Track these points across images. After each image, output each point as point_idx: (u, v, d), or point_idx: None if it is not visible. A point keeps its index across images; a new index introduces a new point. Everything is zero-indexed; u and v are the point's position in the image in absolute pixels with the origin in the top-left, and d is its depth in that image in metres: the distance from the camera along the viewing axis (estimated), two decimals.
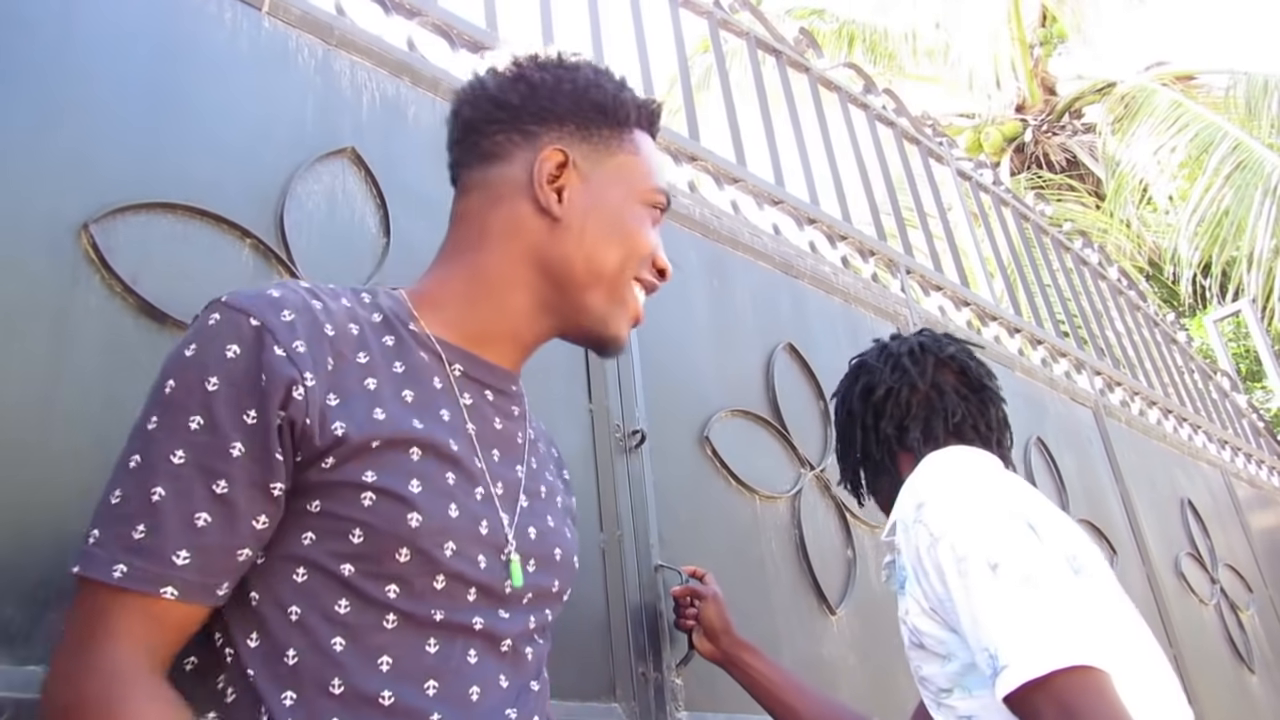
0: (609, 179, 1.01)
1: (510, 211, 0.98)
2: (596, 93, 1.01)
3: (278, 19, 1.62)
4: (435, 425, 0.89)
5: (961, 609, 1.09)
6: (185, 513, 0.77)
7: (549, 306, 0.99)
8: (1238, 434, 5.08)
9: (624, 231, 0.99)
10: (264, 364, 0.80)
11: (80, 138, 1.27)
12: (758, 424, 2.17)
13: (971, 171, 4.01)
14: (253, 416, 0.79)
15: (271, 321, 0.82)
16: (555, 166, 0.99)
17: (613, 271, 0.98)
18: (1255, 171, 8.27)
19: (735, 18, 3.00)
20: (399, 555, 0.82)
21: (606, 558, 1.69)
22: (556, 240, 0.97)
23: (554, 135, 1.00)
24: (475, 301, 0.98)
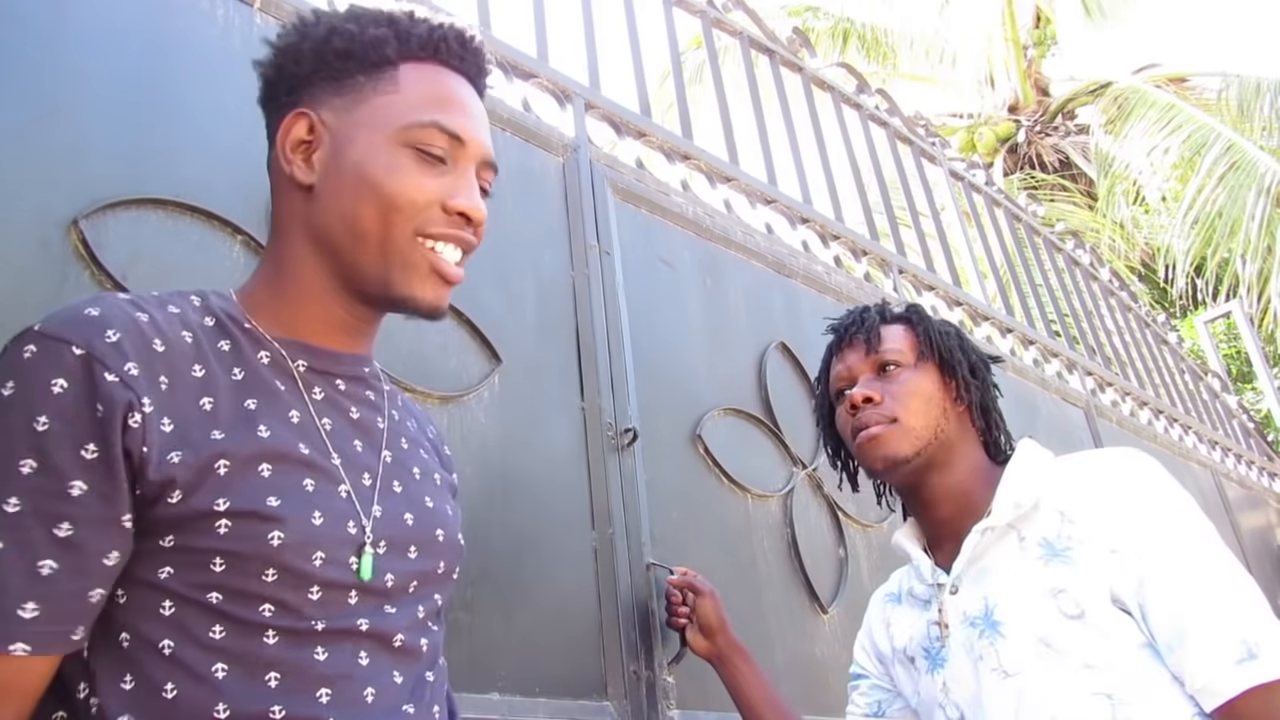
0: (360, 126, 0.90)
1: (280, 190, 0.93)
2: (339, 39, 0.91)
3: (269, 15, 1.61)
4: (283, 431, 0.84)
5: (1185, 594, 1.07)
6: (27, 563, 0.71)
7: (338, 280, 0.91)
8: (1228, 434, 5.09)
9: (372, 180, 0.88)
10: (97, 394, 0.74)
11: (71, 133, 1.27)
12: (750, 423, 2.17)
13: (964, 172, 4.02)
14: (92, 450, 0.73)
15: (97, 347, 0.76)
16: (305, 131, 0.90)
17: (375, 229, 0.88)
18: (1248, 172, 8.29)
19: (729, 17, 3.00)
20: (265, 576, 0.78)
21: (598, 556, 1.69)
22: (317, 210, 0.90)
23: (304, 99, 0.91)
24: (284, 293, 0.91)
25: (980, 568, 1.23)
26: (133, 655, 0.76)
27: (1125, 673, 1.09)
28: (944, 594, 1.26)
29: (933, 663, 1.28)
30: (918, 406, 1.30)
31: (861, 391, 1.32)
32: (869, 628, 1.46)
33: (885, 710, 1.41)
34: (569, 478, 1.73)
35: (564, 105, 2.21)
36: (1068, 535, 1.16)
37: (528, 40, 2.21)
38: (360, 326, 0.95)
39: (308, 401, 0.89)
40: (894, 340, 1.36)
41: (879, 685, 1.43)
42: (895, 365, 1.33)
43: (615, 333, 1.94)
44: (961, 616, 1.23)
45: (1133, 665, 1.09)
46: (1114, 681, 1.09)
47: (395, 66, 0.91)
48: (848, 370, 1.38)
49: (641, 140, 2.42)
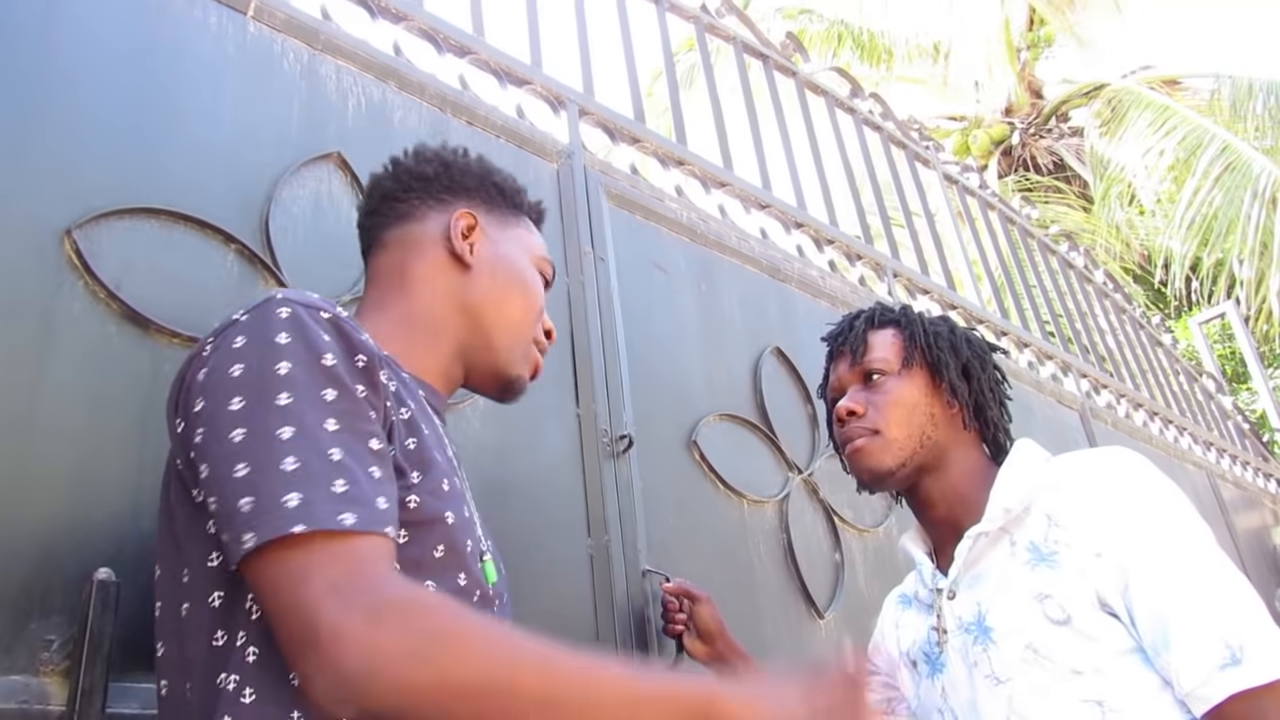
0: (509, 241, 1.18)
1: (429, 261, 1.12)
2: (499, 177, 1.21)
3: (262, 23, 1.61)
4: (436, 432, 0.98)
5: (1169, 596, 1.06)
6: (364, 469, 0.81)
7: (464, 346, 1.11)
8: (1223, 435, 5.10)
9: (523, 281, 1.16)
10: (356, 348, 0.87)
11: (64, 142, 1.26)
12: (745, 428, 2.17)
13: (958, 175, 4.03)
14: (363, 392, 0.85)
15: (339, 314, 0.89)
16: (466, 226, 1.14)
17: (517, 318, 1.14)
18: (1244, 173, 8.31)
19: (722, 22, 3.01)
20: (436, 551, 0.89)
21: (594, 563, 1.69)
22: (469, 285, 1.12)
23: (464, 203, 1.17)
24: (415, 340, 1.08)
25: (975, 573, 1.23)
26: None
27: (1115, 678, 1.09)
28: (942, 599, 1.26)
29: (933, 668, 1.28)
30: (899, 416, 1.30)
31: (845, 405, 1.33)
32: (881, 627, 1.47)
33: (895, 709, 1.42)
34: (565, 484, 1.72)
35: (558, 111, 2.21)
36: (1054, 539, 1.16)
37: (521, 47, 2.21)
38: (451, 387, 1.13)
39: (436, 424, 1.02)
40: (880, 348, 1.36)
41: (889, 683, 1.43)
42: (880, 374, 1.34)
43: (610, 339, 1.94)
44: (958, 622, 1.23)
45: (1122, 671, 1.09)
46: (1103, 687, 1.09)
47: (524, 215, 1.24)
48: (838, 381, 1.39)
49: (635, 146, 2.42)
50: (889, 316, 1.41)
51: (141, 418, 1.18)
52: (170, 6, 1.49)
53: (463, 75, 2.02)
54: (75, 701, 0.96)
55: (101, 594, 1.00)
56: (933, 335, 1.37)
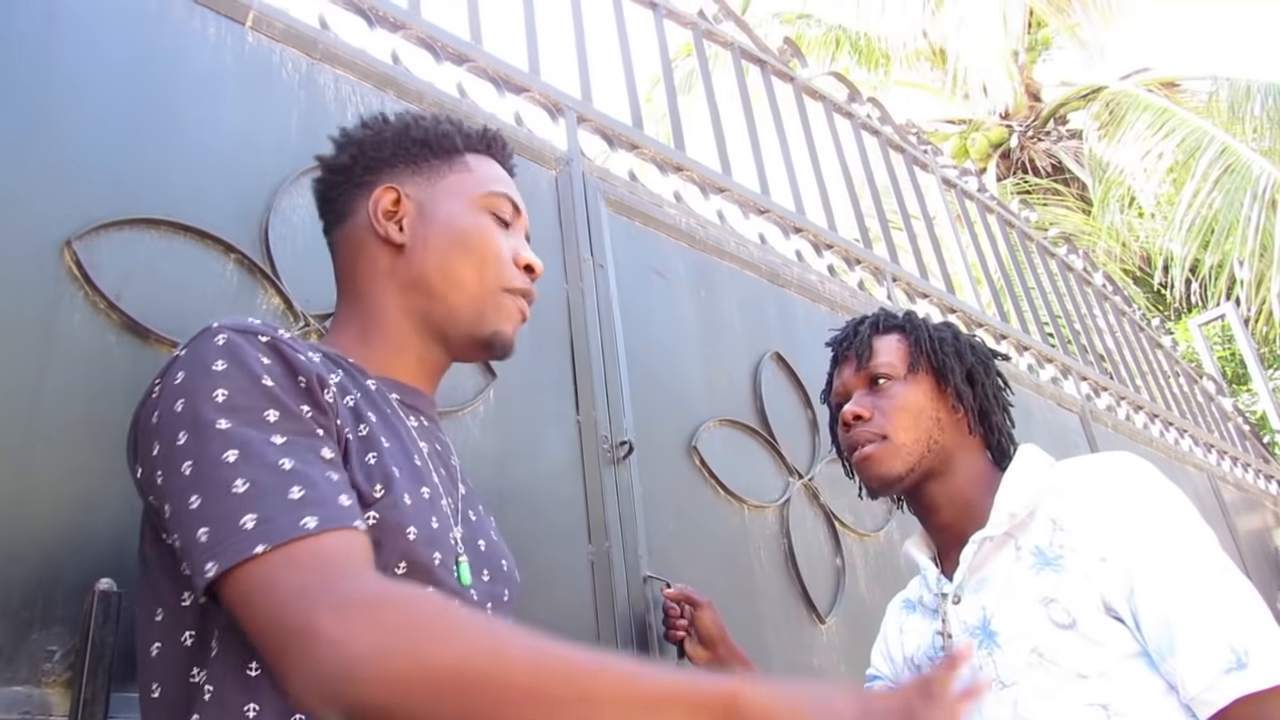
0: (440, 197, 1.09)
1: (366, 253, 1.07)
2: (416, 130, 1.11)
3: (261, 33, 1.61)
4: (400, 444, 0.95)
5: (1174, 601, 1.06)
6: (319, 472, 0.80)
7: (429, 325, 1.06)
8: (1223, 437, 5.10)
9: (463, 233, 1.07)
10: (297, 369, 0.85)
11: (63, 153, 1.27)
12: (745, 433, 2.18)
13: (956, 179, 4.03)
14: (308, 411, 0.84)
15: (280, 337, 0.87)
16: (390, 202, 1.07)
17: (469, 277, 1.06)
18: (1243, 175, 8.32)
19: (719, 28, 3.01)
20: (398, 569, 0.86)
21: (595, 569, 1.69)
22: (409, 263, 1.06)
23: (386, 178, 1.09)
24: (374, 340, 1.05)
25: (980, 578, 1.23)
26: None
27: (1119, 682, 1.09)
28: (947, 604, 1.26)
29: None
30: (906, 421, 1.30)
31: (851, 409, 1.33)
32: (885, 633, 1.47)
33: None
34: (565, 491, 1.73)
35: (556, 119, 2.21)
36: (1059, 543, 1.16)
37: (519, 55, 2.21)
38: (435, 372, 1.09)
39: (409, 426, 1.00)
40: (886, 353, 1.36)
41: (893, 688, 1.43)
42: (886, 378, 1.34)
43: (610, 345, 1.94)
44: (963, 627, 1.23)
45: (1127, 674, 1.09)
46: (1109, 691, 1.09)
47: (462, 154, 1.12)
48: (843, 386, 1.39)
49: (634, 152, 2.43)
50: (894, 322, 1.41)
51: None
52: (169, 16, 1.50)
53: (461, 83, 2.03)
54: (77, 712, 0.96)
55: (103, 604, 1.00)
56: (937, 340, 1.37)
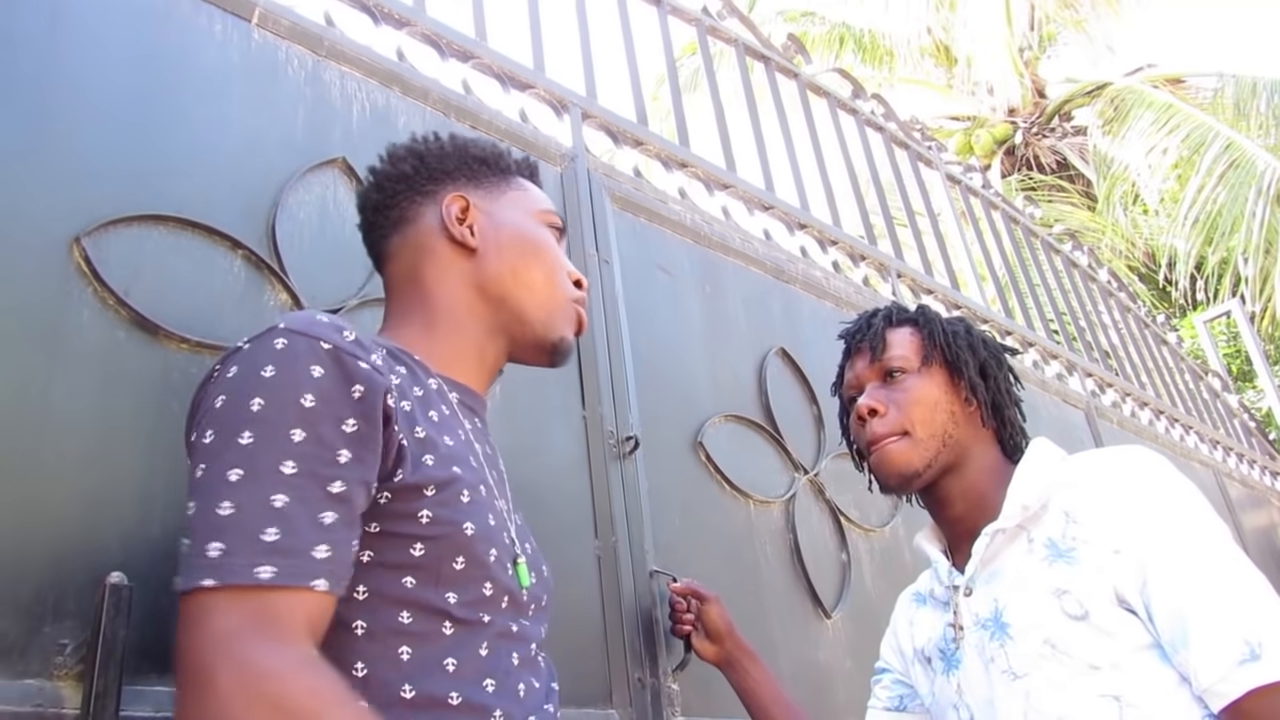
0: (506, 207, 1.16)
1: (436, 257, 1.11)
2: (476, 149, 1.19)
3: (267, 30, 1.62)
4: (460, 443, 0.98)
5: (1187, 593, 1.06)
6: (312, 513, 0.80)
7: (497, 325, 1.11)
8: (1229, 434, 5.09)
9: (533, 243, 1.14)
10: (355, 378, 0.86)
11: (71, 151, 1.27)
12: (751, 429, 2.18)
13: (961, 175, 4.03)
14: (352, 425, 0.84)
15: (342, 342, 0.88)
16: (460, 210, 1.13)
17: (540, 282, 1.12)
18: (1248, 171, 8.30)
19: (723, 24, 3.01)
20: (456, 563, 0.89)
21: (602, 564, 1.69)
22: (481, 266, 1.11)
23: (450, 188, 1.15)
24: (442, 337, 1.08)
25: (992, 570, 1.23)
26: (327, 635, 0.82)
27: (1132, 674, 1.09)
28: (959, 596, 1.26)
29: (948, 664, 1.28)
30: (923, 415, 1.29)
31: (866, 403, 1.32)
32: (895, 625, 1.47)
33: (907, 705, 1.42)
34: (571, 486, 1.73)
35: (561, 115, 2.22)
36: (1072, 535, 1.16)
37: (524, 51, 2.22)
38: (491, 373, 1.13)
39: (467, 427, 1.03)
40: (899, 345, 1.35)
41: (902, 680, 1.44)
42: (900, 371, 1.33)
43: (615, 341, 1.94)
44: (974, 619, 1.23)
45: (1139, 666, 1.09)
46: (1121, 683, 1.09)
47: (514, 176, 1.21)
48: (856, 379, 1.38)
49: (639, 149, 2.43)
50: (907, 315, 1.40)
51: (151, 423, 1.19)
52: (175, 14, 1.50)
53: (466, 80, 2.03)
54: (89, 705, 0.97)
55: (114, 598, 1.00)
56: (951, 334, 1.36)
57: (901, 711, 1.42)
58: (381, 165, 1.18)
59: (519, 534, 1.04)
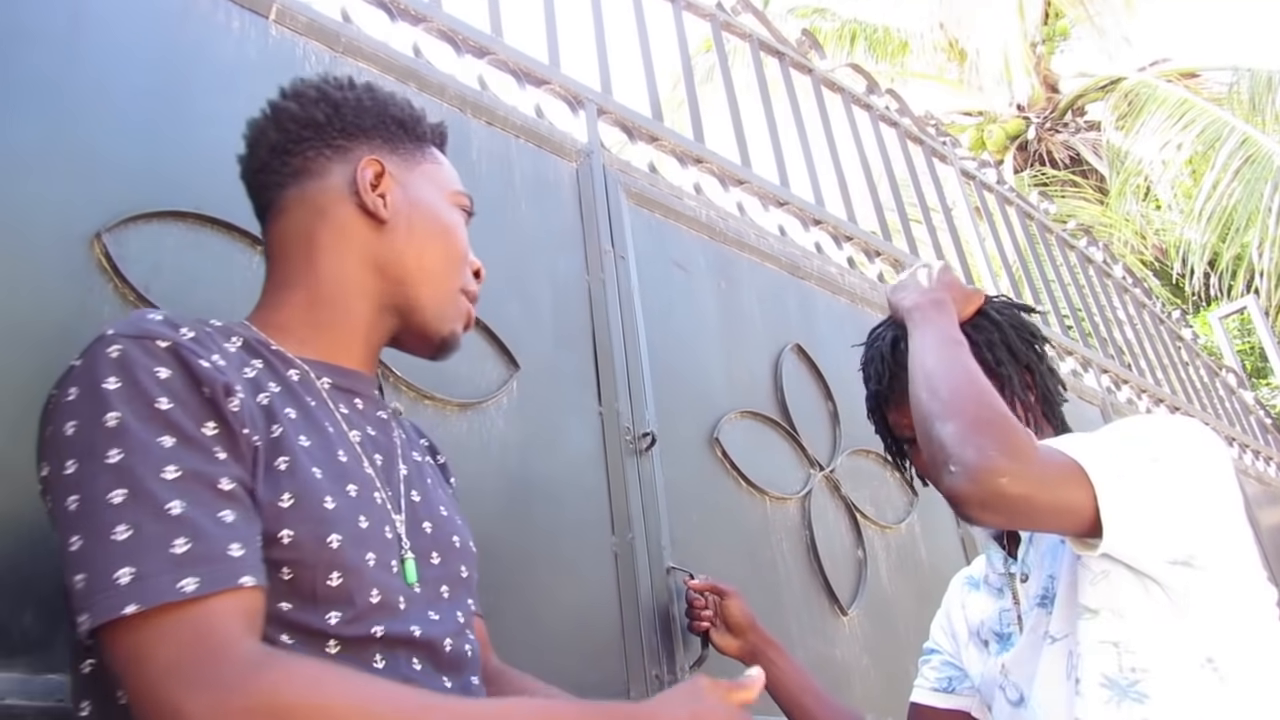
0: (420, 181, 1.07)
1: (336, 222, 1.01)
2: (395, 108, 1.08)
3: (284, 26, 1.62)
4: (324, 438, 0.90)
5: None
6: (212, 515, 0.74)
7: (387, 306, 1.02)
8: (1245, 430, 5.07)
9: (443, 225, 1.06)
10: (199, 376, 0.79)
11: (91, 147, 1.28)
12: (767, 425, 2.18)
13: (975, 170, 4.01)
14: (212, 428, 0.78)
15: (179, 340, 0.81)
16: (374, 176, 1.03)
17: (441, 271, 1.04)
18: (1264, 166, 8.26)
19: (738, 20, 3.01)
20: (330, 580, 0.81)
21: (619, 561, 1.69)
22: (386, 240, 1.02)
23: (365, 148, 1.04)
24: (320, 314, 0.99)
25: (1041, 551, 1.24)
26: None
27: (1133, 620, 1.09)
28: (1016, 582, 1.27)
29: (1002, 645, 1.29)
30: None
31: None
32: (947, 608, 1.47)
33: (955, 687, 1.42)
34: (588, 482, 1.73)
35: (576, 111, 2.21)
36: None
37: (539, 47, 2.21)
38: (379, 349, 1.05)
39: (338, 417, 0.94)
40: None
41: (951, 662, 1.44)
42: None
43: (631, 337, 1.94)
44: (1031, 600, 1.24)
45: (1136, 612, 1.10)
46: (1119, 629, 1.10)
47: (428, 145, 1.11)
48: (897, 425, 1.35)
49: (654, 144, 2.42)
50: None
51: None
52: (193, 11, 1.50)
53: (482, 76, 2.03)
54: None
55: None
56: (987, 347, 1.31)
57: (950, 693, 1.42)
58: (286, 103, 1.05)
59: (416, 514, 0.97)
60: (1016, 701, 1.23)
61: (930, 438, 1.12)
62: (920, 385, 1.18)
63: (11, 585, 1.00)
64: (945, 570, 2.05)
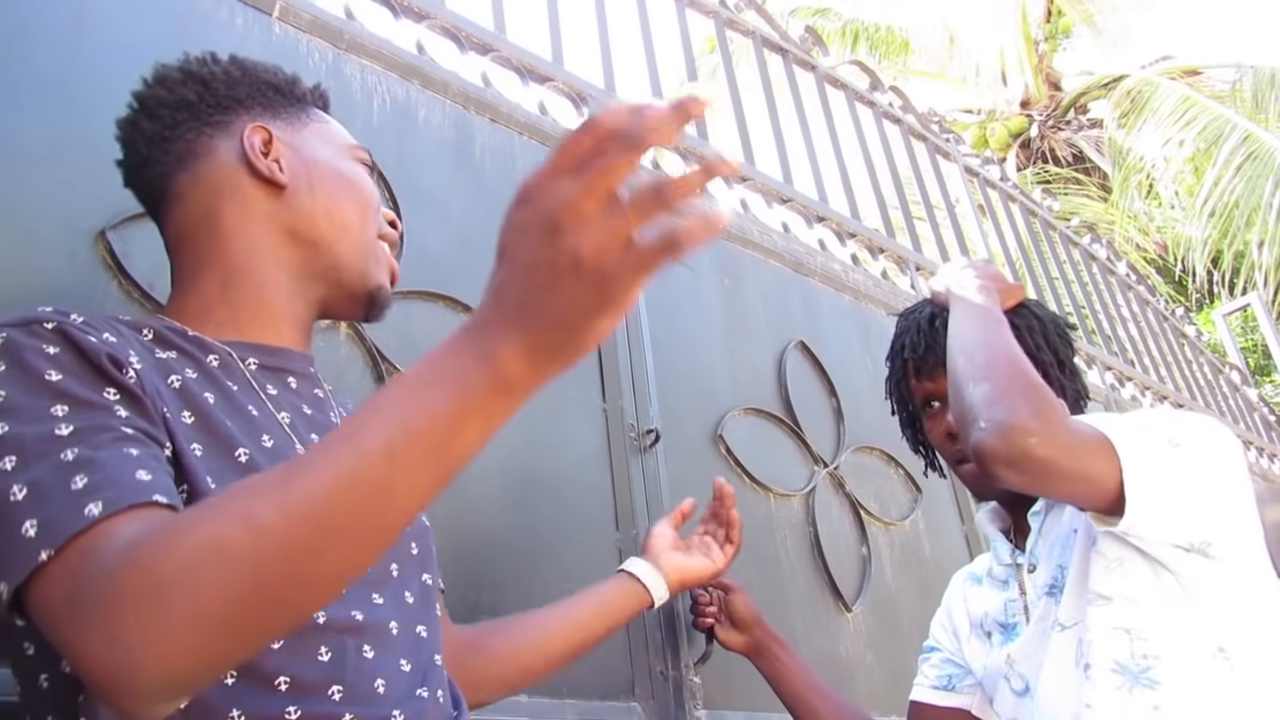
0: (311, 140, 1.03)
1: (236, 196, 0.97)
2: (266, 73, 1.04)
3: (288, 24, 1.62)
4: (245, 424, 0.85)
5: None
6: (110, 453, 0.68)
7: (307, 273, 0.98)
8: (1249, 428, 5.06)
9: (347, 179, 1.03)
10: (86, 350, 0.75)
11: (95, 145, 1.27)
12: (771, 422, 2.17)
13: (979, 168, 4.01)
14: (113, 394, 0.73)
15: (66, 320, 0.77)
16: (262, 142, 0.99)
17: (356, 223, 1.00)
18: (1266, 163, 8.26)
19: (741, 17, 3.00)
20: None
21: (623, 557, 1.68)
22: (291, 205, 0.98)
23: (246, 118, 1.00)
24: (236, 293, 0.95)
25: (1050, 543, 1.24)
26: None
27: (1145, 607, 1.10)
28: (1023, 573, 1.27)
29: (1006, 636, 1.29)
30: None
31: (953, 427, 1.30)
32: (948, 604, 1.48)
33: (955, 685, 1.42)
34: (592, 479, 1.73)
35: (580, 108, 2.21)
36: None
37: (543, 44, 2.21)
38: (308, 324, 1.00)
39: (264, 398, 0.90)
40: None
41: (952, 660, 1.43)
42: None
43: (635, 334, 1.94)
44: (1039, 590, 1.24)
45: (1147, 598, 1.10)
46: (1132, 615, 1.10)
47: (310, 107, 1.07)
48: (926, 392, 1.36)
49: None
50: None
51: None
52: (197, 8, 1.50)
53: (485, 73, 2.03)
54: None
55: None
56: (1027, 332, 1.31)
57: (950, 691, 1.42)
58: (150, 89, 1.01)
59: None
60: (1021, 691, 1.23)
61: (962, 397, 1.13)
62: (958, 350, 1.20)
63: None
64: (949, 567, 2.04)
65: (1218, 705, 1.05)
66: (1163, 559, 1.09)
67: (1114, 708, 1.08)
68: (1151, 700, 1.06)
